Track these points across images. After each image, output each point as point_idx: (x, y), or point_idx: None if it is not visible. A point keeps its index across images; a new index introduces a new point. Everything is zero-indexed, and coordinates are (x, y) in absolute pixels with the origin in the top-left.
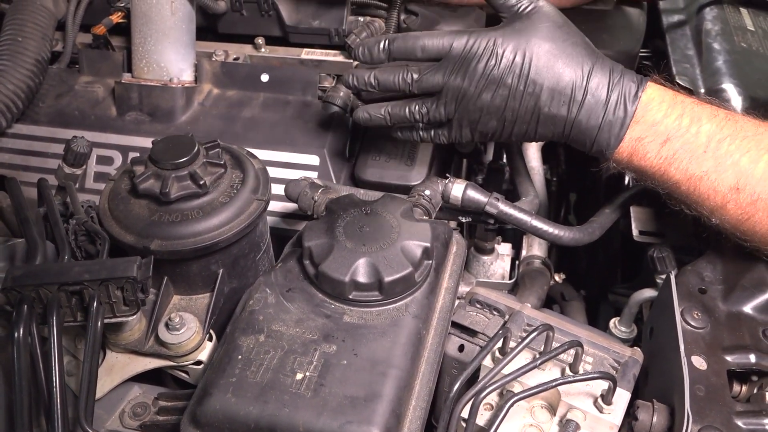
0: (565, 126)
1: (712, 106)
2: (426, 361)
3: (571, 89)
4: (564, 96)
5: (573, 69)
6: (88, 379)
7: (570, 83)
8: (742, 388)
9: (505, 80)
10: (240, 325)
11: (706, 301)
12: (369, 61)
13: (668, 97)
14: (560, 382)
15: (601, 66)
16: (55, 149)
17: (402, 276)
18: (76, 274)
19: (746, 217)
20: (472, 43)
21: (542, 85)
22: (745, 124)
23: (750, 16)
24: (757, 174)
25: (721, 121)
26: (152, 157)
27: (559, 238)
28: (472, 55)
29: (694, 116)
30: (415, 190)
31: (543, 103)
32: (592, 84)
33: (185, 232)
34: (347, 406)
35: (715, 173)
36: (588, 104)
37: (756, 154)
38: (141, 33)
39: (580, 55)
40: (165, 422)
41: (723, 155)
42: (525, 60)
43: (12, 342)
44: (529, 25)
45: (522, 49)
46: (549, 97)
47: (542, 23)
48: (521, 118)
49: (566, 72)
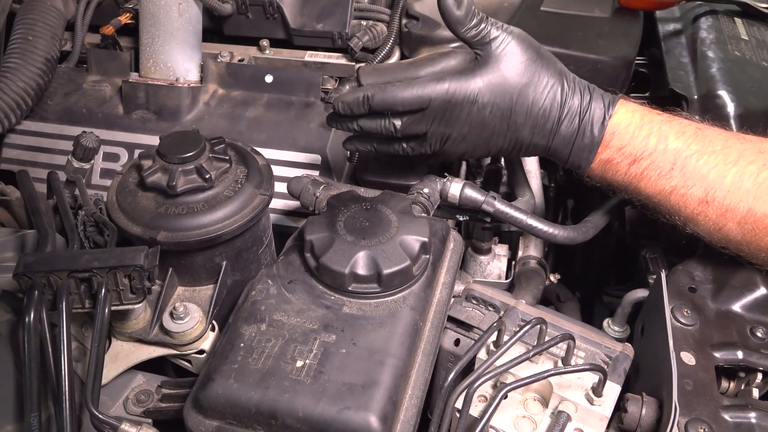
0: (544, 150)
1: (680, 123)
2: (422, 352)
3: (550, 122)
4: (543, 129)
5: (549, 102)
6: (95, 364)
7: (547, 116)
8: (730, 384)
9: (488, 123)
10: (242, 315)
11: (696, 299)
12: (350, 115)
13: (636, 119)
14: (552, 372)
15: (572, 92)
16: (62, 146)
17: (400, 269)
18: (86, 261)
19: (717, 227)
20: (452, 94)
21: (523, 123)
22: (713, 139)
23: (744, 26)
24: (725, 187)
25: (688, 138)
26: (160, 151)
27: (554, 237)
28: (452, 105)
29: (661, 135)
30: (414, 188)
31: (524, 137)
32: (565, 112)
33: (191, 224)
34: (345, 393)
35: (683, 188)
36: (561, 133)
37: (723, 168)
38: (149, 33)
39: (555, 86)
40: (168, 409)
41: (690, 171)
42: (506, 103)
43: (23, 327)
44: (503, 62)
45: (501, 92)
46: (530, 132)
47: (516, 58)
48: (504, 150)
49: (543, 106)
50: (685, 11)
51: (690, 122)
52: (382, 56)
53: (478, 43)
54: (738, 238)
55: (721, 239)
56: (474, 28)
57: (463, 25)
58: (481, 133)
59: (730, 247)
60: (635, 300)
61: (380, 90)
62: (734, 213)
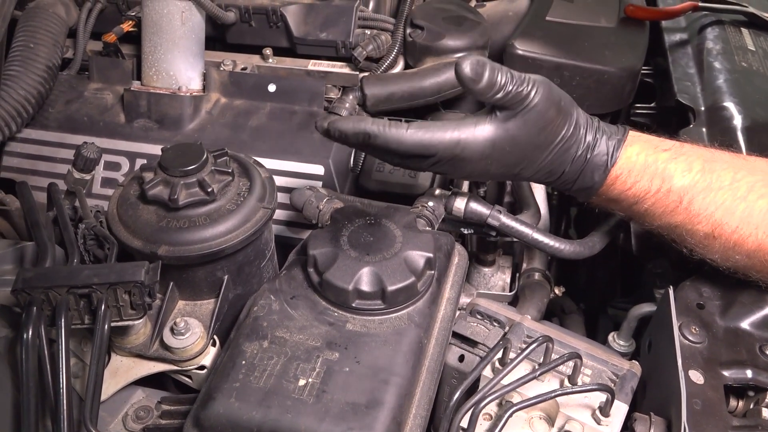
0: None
1: (687, 159)
2: (427, 370)
3: (553, 168)
4: (547, 172)
5: (557, 155)
6: (94, 381)
7: (552, 164)
8: (738, 404)
9: (492, 171)
10: (244, 331)
11: (704, 316)
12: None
13: (640, 161)
14: (559, 393)
15: (583, 138)
16: (63, 154)
17: (404, 285)
18: (85, 277)
19: (725, 258)
20: (461, 149)
21: (527, 169)
22: (722, 173)
23: (751, 37)
24: (733, 223)
25: (695, 175)
26: (162, 163)
27: (560, 251)
28: (459, 159)
29: (666, 176)
30: (419, 202)
31: (525, 176)
32: (573, 160)
33: (192, 238)
34: (349, 413)
35: (689, 224)
36: (566, 175)
37: (731, 204)
38: (151, 42)
39: (565, 137)
40: (168, 426)
41: (696, 209)
42: (514, 159)
43: (20, 343)
44: (523, 125)
45: (511, 150)
46: (533, 172)
47: (536, 116)
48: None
49: (550, 158)
50: (692, 21)
51: (698, 155)
52: (386, 66)
53: (514, 103)
54: (747, 266)
55: (730, 267)
56: (504, 90)
57: (494, 90)
58: (483, 176)
59: (739, 273)
60: (641, 314)
61: (382, 131)
62: (742, 247)
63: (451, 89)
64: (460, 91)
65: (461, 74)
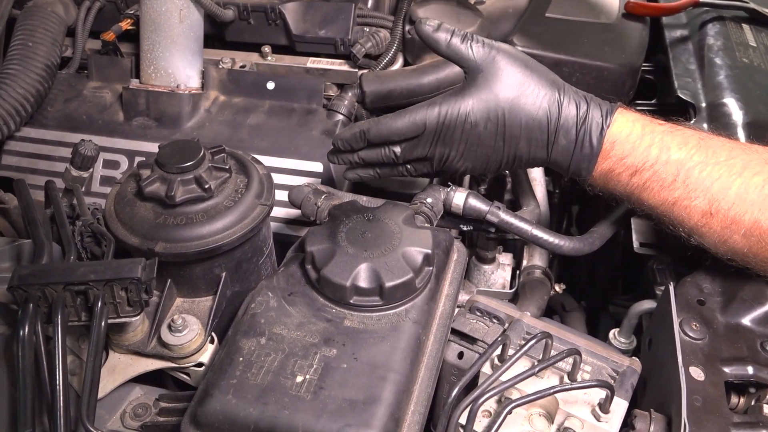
0: (544, 161)
1: (683, 133)
2: (425, 367)
3: (545, 133)
4: (540, 141)
5: (543, 113)
6: (91, 378)
7: (543, 128)
8: (739, 400)
9: (483, 140)
10: (242, 328)
11: (705, 312)
12: (350, 151)
13: (637, 129)
14: (558, 389)
15: (568, 102)
16: (62, 153)
17: (403, 282)
18: (82, 274)
19: (722, 239)
20: (444, 116)
21: (518, 137)
22: (717, 149)
23: (752, 33)
24: (729, 199)
25: (691, 149)
26: (158, 160)
27: (560, 248)
28: (446, 127)
29: (663, 146)
30: (417, 198)
31: (521, 150)
32: (561, 123)
33: (189, 235)
34: (346, 409)
35: (687, 199)
36: (559, 144)
37: (727, 179)
38: (149, 40)
39: (546, 97)
40: (165, 423)
41: (694, 182)
42: (498, 118)
43: (17, 340)
44: (492, 79)
45: (492, 108)
46: (526, 144)
47: (505, 72)
48: (505, 164)
49: (537, 118)
50: (692, 17)
51: (693, 132)
52: (385, 63)
53: (462, 61)
54: (744, 250)
55: (727, 251)
56: (455, 46)
57: (443, 45)
58: (478, 150)
59: (736, 259)
60: (642, 311)
61: (375, 123)
62: (739, 225)
63: (450, 86)
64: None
65: (420, 27)
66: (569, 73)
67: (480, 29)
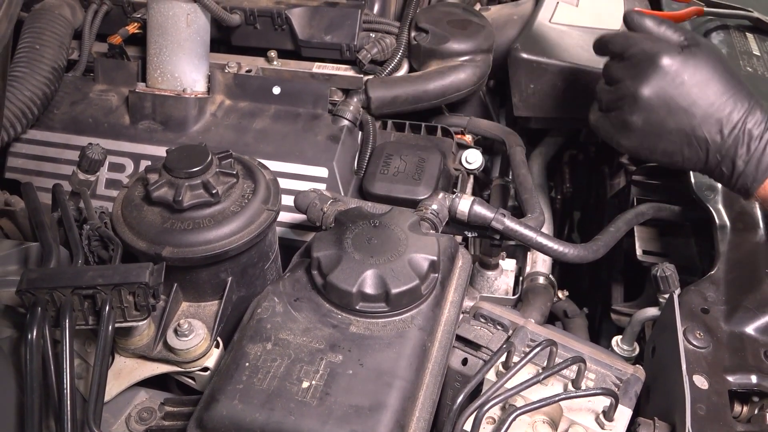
0: (713, 153)
1: None
2: (430, 373)
3: (728, 119)
4: (719, 122)
5: (735, 101)
6: (98, 382)
7: (729, 113)
8: (743, 409)
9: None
10: (248, 333)
11: (709, 321)
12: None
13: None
14: (563, 397)
15: (759, 105)
16: (68, 155)
17: (409, 288)
18: (90, 278)
19: None
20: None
21: (702, 109)
22: None
23: (756, 42)
24: None
25: None
26: (166, 165)
27: (564, 255)
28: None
29: None
30: (423, 205)
31: (696, 124)
32: (750, 119)
33: (196, 239)
34: (352, 415)
35: None
36: (740, 137)
37: None
38: (156, 44)
39: (741, 92)
40: (171, 427)
41: None
42: (695, 82)
43: (25, 344)
44: (699, 54)
45: (692, 72)
46: (703, 119)
47: (710, 56)
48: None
49: (729, 101)
50: (697, 26)
51: None
52: (390, 69)
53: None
54: None
55: None
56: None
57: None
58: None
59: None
60: (645, 319)
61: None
62: None
63: (456, 92)
64: (464, 95)
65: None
66: (574, 80)
67: (486, 37)
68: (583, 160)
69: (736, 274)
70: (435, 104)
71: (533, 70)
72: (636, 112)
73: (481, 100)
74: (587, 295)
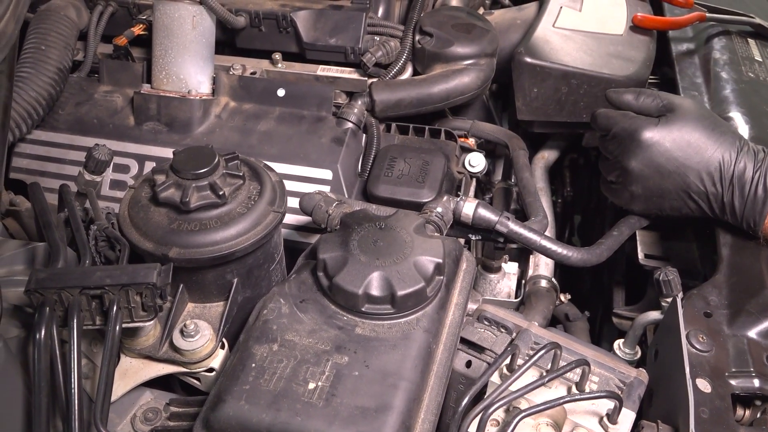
0: (714, 203)
1: None
2: (435, 375)
3: (718, 170)
4: (711, 176)
5: (721, 152)
6: (105, 382)
7: (717, 165)
8: (745, 413)
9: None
10: (254, 334)
11: (712, 325)
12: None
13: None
14: (567, 399)
15: (746, 147)
16: (73, 156)
17: (414, 290)
18: (98, 278)
19: None
20: (635, 128)
21: (694, 171)
22: None
23: (758, 47)
24: None
25: None
26: (174, 166)
27: (568, 259)
28: (635, 136)
29: None
30: (427, 207)
31: (691, 182)
32: (738, 166)
33: (203, 241)
34: (358, 417)
35: None
36: (734, 184)
37: None
38: (162, 45)
39: (726, 142)
40: (176, 428)
41: None
42: (677, 146)
43: (33, 343)
44: (676, 120)
45: (673, 137)
46: (696, 176)
47: (687, 117)
48: (675, 204)
49: (715, 154)
50: (699, 31)
51: None
52: (394, 72)
53: (648, 111)
54: None
55: None
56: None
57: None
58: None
59: None
60: (647, 322)
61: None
62: None
63: (459, 96)
64: (468, 98)
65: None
66: (577, 84)
67: (490, 41)
68: (584, 164)
69: (738, 279)
70: (439, 107)
71: (536, 74)
72: (633, 183)
73: (484, 103)
74: (588, 299)
